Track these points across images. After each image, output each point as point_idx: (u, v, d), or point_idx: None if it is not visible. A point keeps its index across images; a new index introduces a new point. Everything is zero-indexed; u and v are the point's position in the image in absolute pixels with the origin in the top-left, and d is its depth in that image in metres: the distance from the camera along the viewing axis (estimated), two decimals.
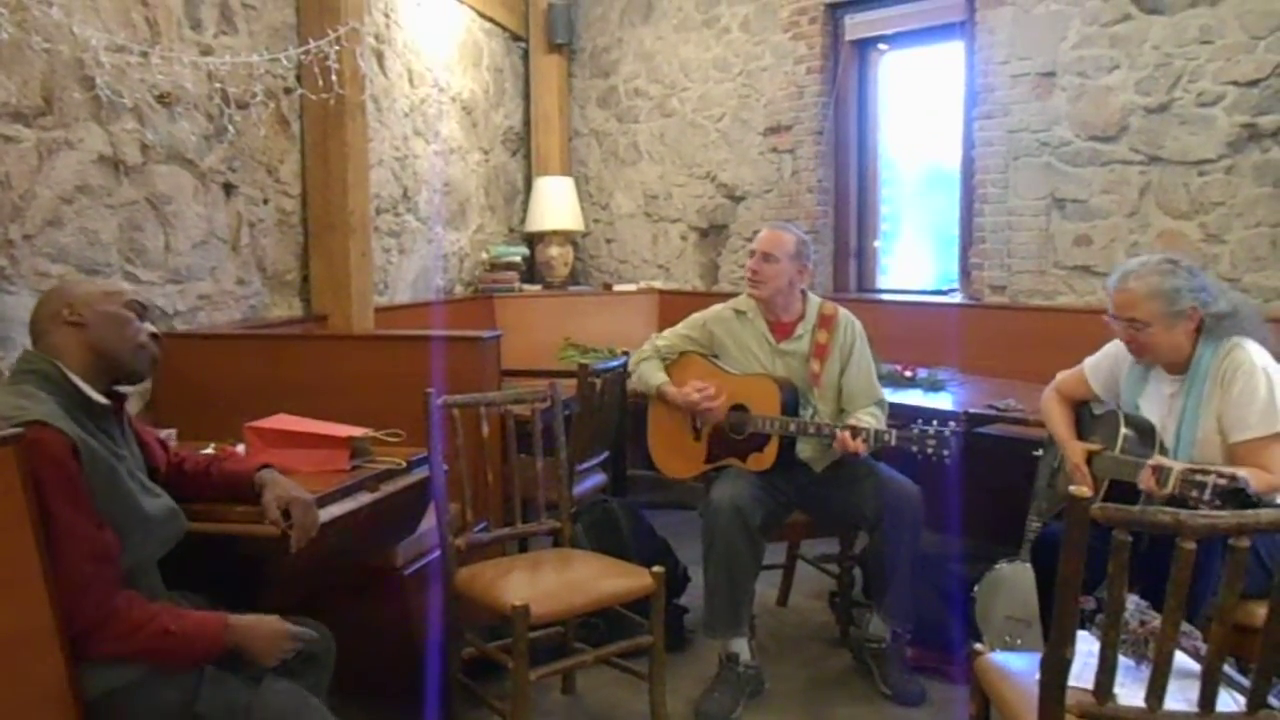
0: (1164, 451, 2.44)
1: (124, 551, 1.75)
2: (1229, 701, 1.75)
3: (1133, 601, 1.97)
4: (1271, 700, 1.69)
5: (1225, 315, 2.42)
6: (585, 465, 3.68)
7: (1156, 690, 1.66)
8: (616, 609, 2.79)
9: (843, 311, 3.19)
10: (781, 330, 3.16)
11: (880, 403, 3.13)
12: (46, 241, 2.91)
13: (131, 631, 1.69)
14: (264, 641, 1.83)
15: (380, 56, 4.58)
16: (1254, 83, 3.62)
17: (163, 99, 3.33)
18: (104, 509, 1.72)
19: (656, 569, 2.66)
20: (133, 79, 3.20)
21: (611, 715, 2.92)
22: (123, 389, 1.93)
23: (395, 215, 4.80)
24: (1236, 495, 2.05)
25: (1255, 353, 2.39)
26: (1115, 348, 2.69)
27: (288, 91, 3.95)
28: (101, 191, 3.11)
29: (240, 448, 2.50)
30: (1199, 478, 2.12)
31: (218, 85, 3.55)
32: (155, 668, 1.74)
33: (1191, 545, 1.58)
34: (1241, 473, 2.11)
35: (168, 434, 2.69)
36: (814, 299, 3.21)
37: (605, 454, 3.93)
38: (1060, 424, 2.76)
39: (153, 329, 1.95)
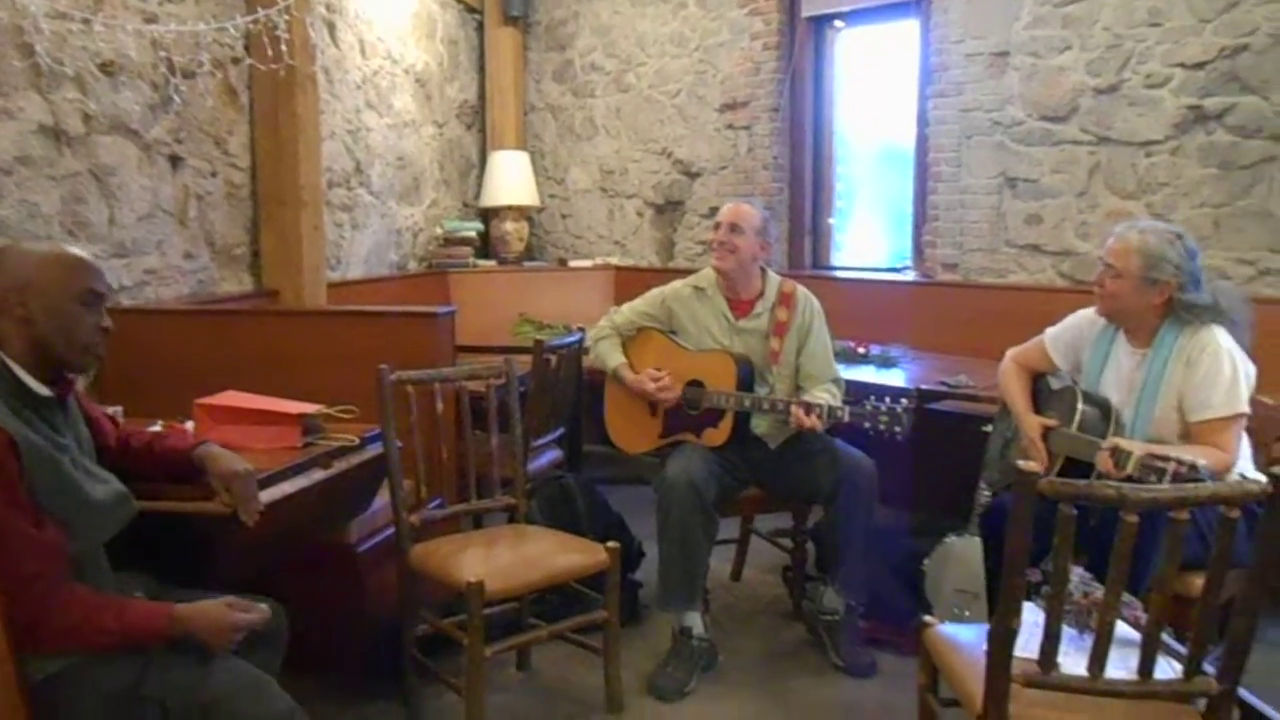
0: (1120, 427, 2.48)
1: (71, 540, 1.72)
2: (1167, 669, 1.81)
3: (1076, 573, 2.01)
4: (1206, 667, 1.75)
5: (1199, 307, 2.43)
6: (540, 441, 3.67)
7: (1098, 659, 1.71)
8: (571, 584, 2.80)
9: (802, 289, 3.21)
10: (741, 308, 3.17)
11: (837, 381, 3.16)
12: None
13: (73, 629, 1.67)
14: (211, 630, 1.80)
15: (331, 27, 4.49)
16: (1200, 65, 3.68)
17: (105, 68, 3.24)
18: (47, 503, 1.69)
19: (611, 544, 2.67)
20: (74, 46, 3.11)
21: (566, 690, 2.94)
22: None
23: (348, 189, 4.73)
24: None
25: (1221, 336, 2.43)
26: (1077, 319, 2.73)
27: (235, 61, 3.87)
28: (42, 162, 3.03)
29: (189, 425, 2.46)
30: (1159, 464, 2.14)
31: (163, 54, 3.46)
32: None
33: (1134, 518, 1.62)
34: (1201, 460, 2.13)
35: (114, 411, 2.64)
36: (773, 277, 3.23)
37: (560, 430, 3.92)
38: (1018, 395, 2.79)
39: (105, 323, 1.87)
